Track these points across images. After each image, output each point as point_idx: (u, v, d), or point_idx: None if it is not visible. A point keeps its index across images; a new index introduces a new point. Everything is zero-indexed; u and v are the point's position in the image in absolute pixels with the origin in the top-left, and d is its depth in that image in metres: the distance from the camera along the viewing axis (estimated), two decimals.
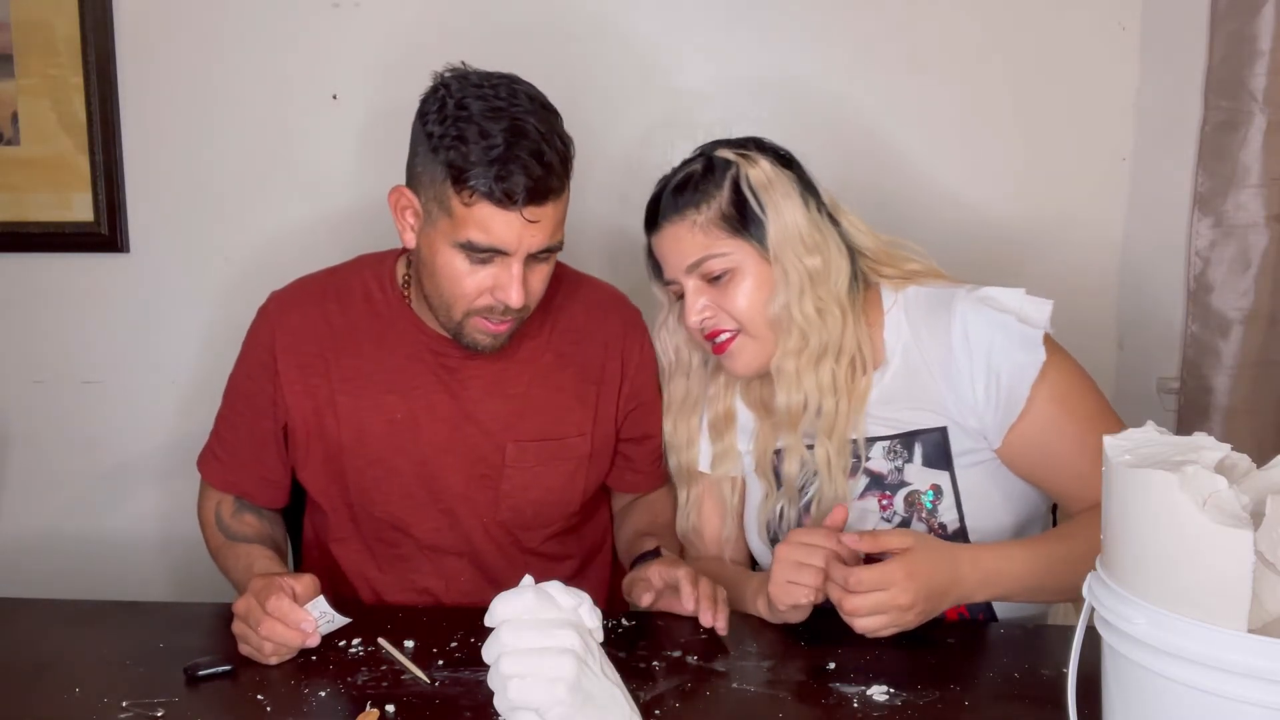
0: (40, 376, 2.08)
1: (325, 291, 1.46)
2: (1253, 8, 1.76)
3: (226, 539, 1.45)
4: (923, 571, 1.19)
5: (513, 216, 1.25)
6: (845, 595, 1.19)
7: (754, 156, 1.38)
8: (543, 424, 1.45)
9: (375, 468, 1.43)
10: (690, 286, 1.37)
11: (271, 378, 1.43)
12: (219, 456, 1.49)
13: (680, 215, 1.37)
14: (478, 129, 1.24)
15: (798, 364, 1.35)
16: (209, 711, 1.11)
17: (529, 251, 1.29)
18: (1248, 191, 1.82)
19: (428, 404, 1.42)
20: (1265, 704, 0.75)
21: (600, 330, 1.50)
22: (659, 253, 1.41)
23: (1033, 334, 1.30)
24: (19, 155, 1.99)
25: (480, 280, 1.30)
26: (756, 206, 1.34)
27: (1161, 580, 0.80)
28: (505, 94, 1.27)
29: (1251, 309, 1.84)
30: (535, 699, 0.89)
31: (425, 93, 1.32)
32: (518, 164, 1.24)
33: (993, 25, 1.89)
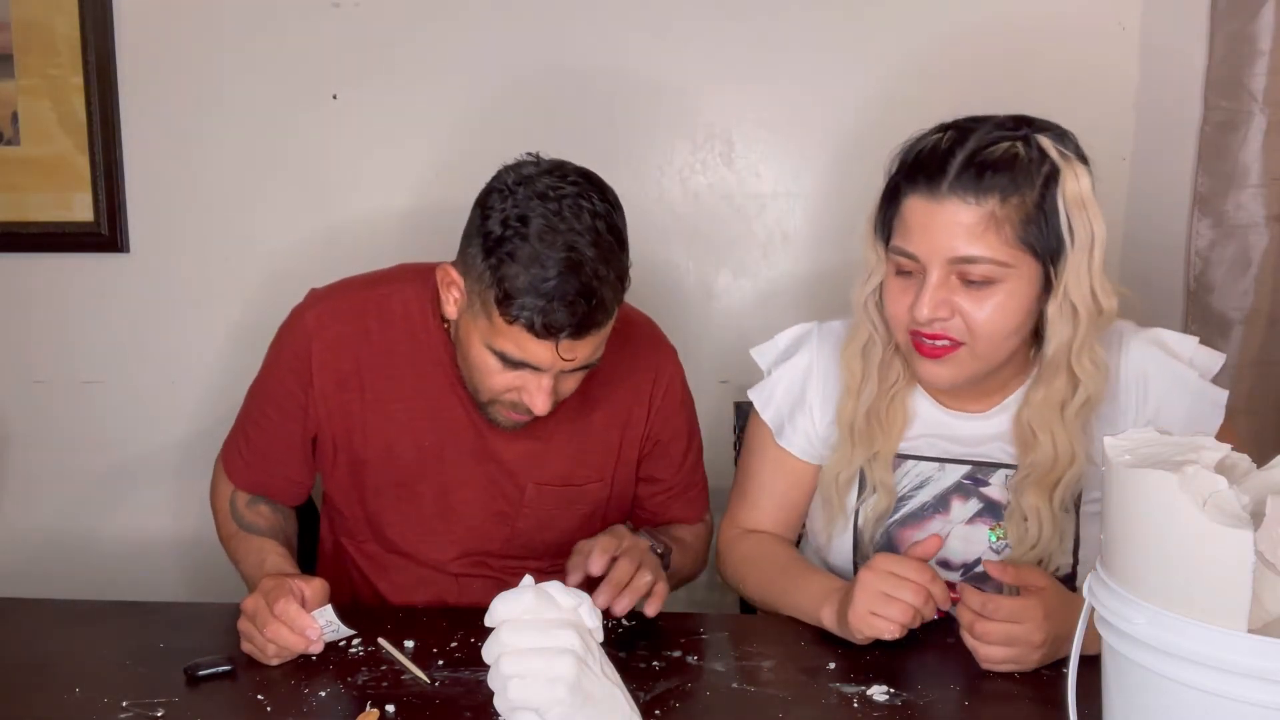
0: (40, 376, 2.08)
1: (366, 307, 1.40)
2: (1253, 8, 1.76)
3: (239, 528, 1.43)
4: (1057, 614, 1.13)
5: (548, 346, 1.21)
6: (977, 619, 1.14)
7: (1074, 161, 1.17)
8: (565, 468, 1.43)
9: (397, 490, 1.42)
10: (937, 277, 1.18)
11: (305, 387, 1.39)
12: (243, 455, 1.46)
13: (978, 196, 1.15)
14: (531, 252, 1.18)
15: (1062, 418, 1.22)
16: (209, 711, 1.11)
17: (562, 370, 1.25)
18: (1248, 191, 1.82)
19: (454, 435, 1.40)
20: (1265, 704, 0.75)
21: (631, 373, 1.45)
22: (919, 221, 1.18)
23: (1216, 394, 1.24)
24: (19, 155, 1.99)
25: (509, 380, 1.27)
26: (1064, 225, 1.16)
27: (1161, 580, 0.80)
28: (569, 212, 1.19)
29: (1251, 309, 1.84)
30: (535, 699, 0.89)
31: (491, 181, 1.26)
32: (564, 302, 1.17)
33: (992, 25, 1.89)
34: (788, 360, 1.42)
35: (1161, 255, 1.92)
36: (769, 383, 1.42)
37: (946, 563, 1.33)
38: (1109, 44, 1.89)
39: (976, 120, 1.20)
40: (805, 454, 1.40)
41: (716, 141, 1.96)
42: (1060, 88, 1.88)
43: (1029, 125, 1.19)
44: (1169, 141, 1.89)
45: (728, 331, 2.02)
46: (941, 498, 1.33)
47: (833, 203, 1.97)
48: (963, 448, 1.33)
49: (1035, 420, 1.25)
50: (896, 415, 1.32)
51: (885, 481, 1.32)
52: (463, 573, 1.47)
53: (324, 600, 1.23)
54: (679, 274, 2.00)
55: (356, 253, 1.99)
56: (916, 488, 1.34)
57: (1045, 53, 1.89)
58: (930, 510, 1.33)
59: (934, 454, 1.33)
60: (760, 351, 1.46)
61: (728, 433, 1.89)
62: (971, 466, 1.32)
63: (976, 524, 1.32)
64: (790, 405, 1.40)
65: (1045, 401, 1.23)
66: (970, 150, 1.16)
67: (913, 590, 1.15)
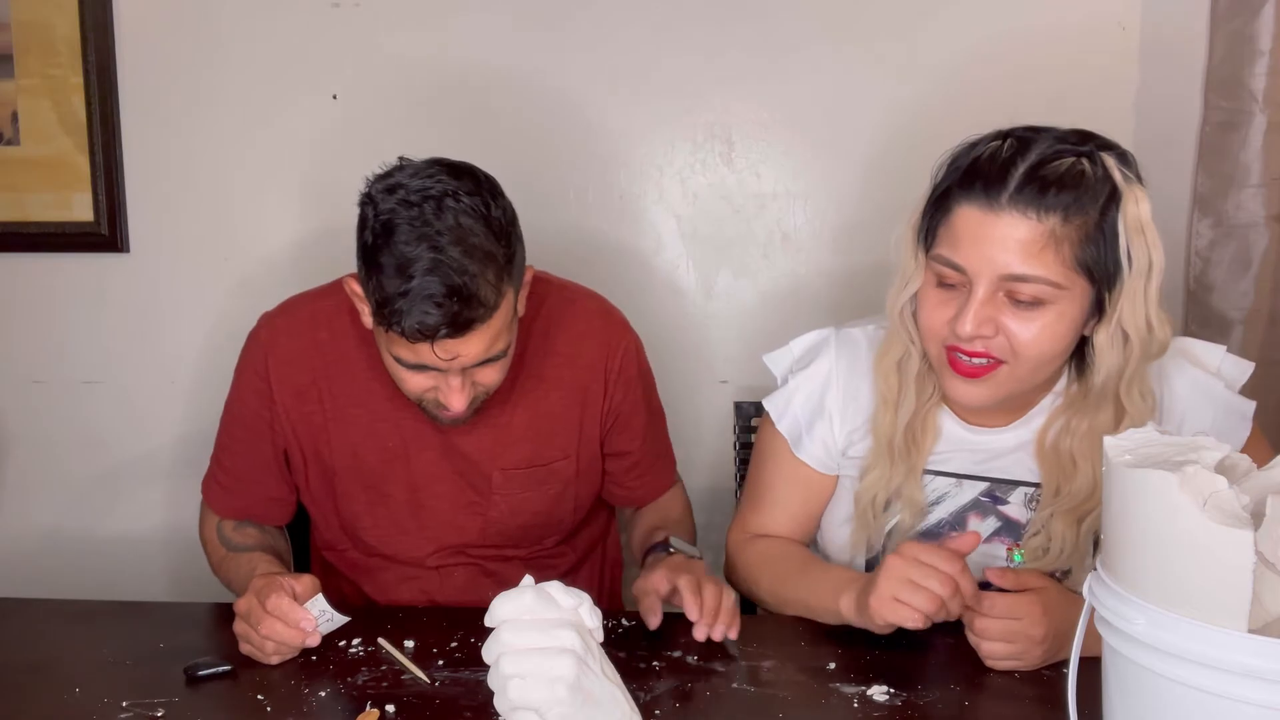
0: (40, 376, 2.08)
1: (316, 317, 1.43)
2: (1253, 8, 1.76)
3: (229, 551, 1.44)
4: (1057, 611, 1.13)
5: (424, 348, 1.21)
6: (976, 615, 1.14)
7: (1135, 184, 1.12)
8: (528, 451, 1.44)
9: (367, 494, 1.44)
10: (985, 293, 1.12)
11: (268, 403, 1.42)
12: (220, 482, 1.48)
13: (1040, 212, 1.09)
14: (395, 261, 1.17)
15: (1095, 446, 1.19)
16: (209, 711, 1.11)
17: (463, 367, 1.25)
18: (1248, 191, 1.81)
19: (417, 434, 1.41)
20: (1265, 704, 0.75)
21: (585, 350, 1.46)
22: (972, 232, 1.12)
23: (1243, 406, 1.23)
24: (19, 155, 1.99)
25: (421, 381, 1.27)
26: (1123, 250, 1.11)
27: (1161, 580, 0.80)
28: (431, 214, 1.18)
29: (1251, 309, 1.84)
30: (535, 699, 0.89)
31: (363, 190, 1.25)
32: (432, 303, 1.16)
33: (992, 25, 1.89)
34: (805, 369, 1.37)
35: None
36: (785, 392, 1.38)
37: None
38: (1109, 44, 1.89)
39: (1037, 130, 1.15)
40: (823, 466, 1.37)
41: (716, 141, 1.96)
42: (1060, 88, 1.88)
43: (1093, 141, 1.14)
44: (1169, 141, 1.89)
45: (728, 331, 2.02)
46: (959, 515, 1.31)
47: (833, 203, 1.97)
48: (980, 462, 1.30)
49: (1078, 450, 1.21)
50: (929, 431, 1.29)
51: (915, 498, 1.29)
52: (442, 564, 1.48)
53: (315, 593, 1.23)
54: (679, 274, 2.00)
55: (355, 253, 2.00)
56: (933, 504, 1.31)
57: (1045, 52, 1.89)
58: (947, 527, 1.31)
59: (952, 468, 1.31)
60: (774, 358, 1.42)
61: (728, 433, 1.89)
62: (990, 483, 1.30)
63: (994, 542, 1.30)
64: (809, 415, 1.36)
65: (1090, 431, 1.19)
66: (1033, 162, 1.11)
67: (940, 580, 1.12)
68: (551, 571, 1.53)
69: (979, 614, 1.15)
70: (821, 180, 1.97)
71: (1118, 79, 1.90)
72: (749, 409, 1.80)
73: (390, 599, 1.49)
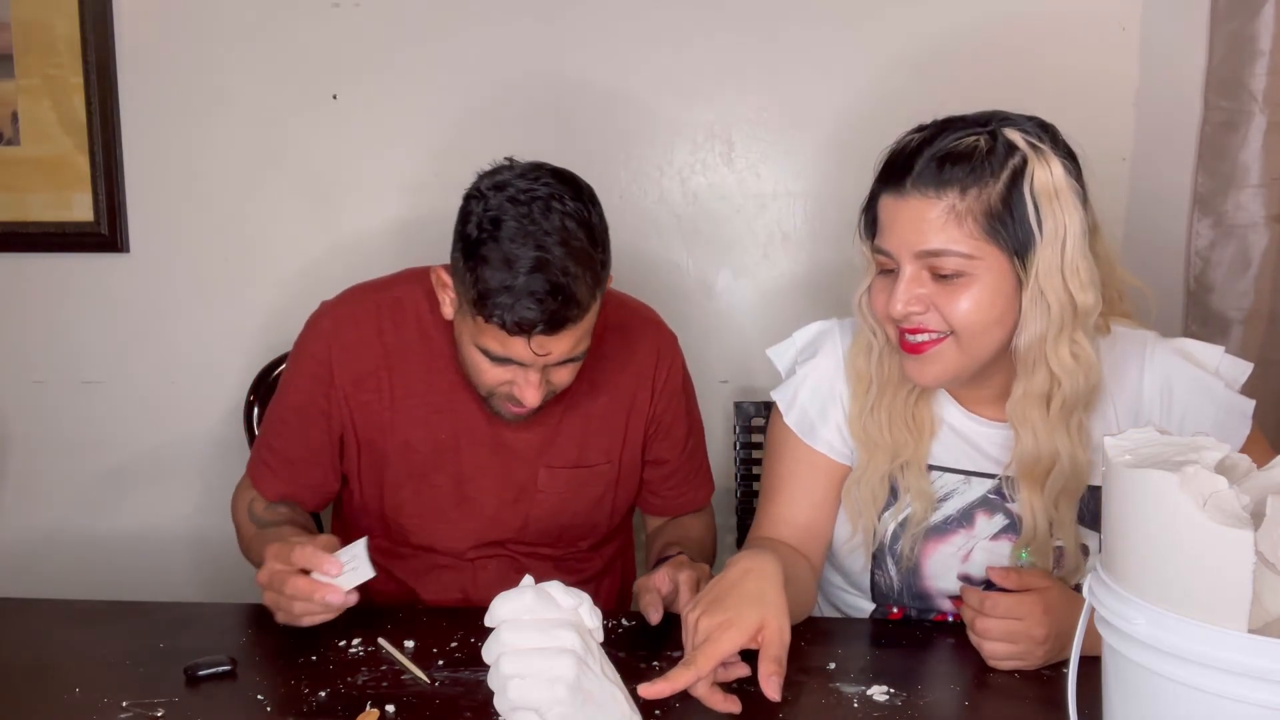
0: (40, 376, 2.08)
1: (380, 308, 1.46)
2: (1253, 8, 1.76)
3: (258, 528, 1.44)
4: (1059, 611, 1.14)
5: (520, 342, 1.26)
6: (978, 616, 1.15)
7: (1046, 153, 1.16)
8: (574, 451, 1.48)
9: (415, 483, 1.46)
10: (909, 272, 1.18)
11: (327, 391, 1.44)
12: (269, 464, 1.48)
13: (938, 191, 1.15)
14: (502, 254, 1.22)
15: (1045, 413, 1.21)
16: (209, 711, 1.11)
17: (546, 364, 1.30)
18: (1248, 191, 1.81)
19: (468, 427, 1.45)
20: (1265, 704, 0.75)
21: (634, 358, 1.50)
22: (889, 217, 1.20)
23: (1243, 404, 1.23)
24: (19, 155, 1.99)
25: (501, 375, 1.32)
26: (1033, 217, 1.14)
27: (1161, 580, 0.80)
28: (539, 213, 1.24)
29: (1251, 309, 1.84)
30: (535, 699, 0.89)
31: (470, 186, 1.31)
32: (534, 299, 1.22)
33: (993, 25, 1.89)
34: (811, 359, 1.38)
35: (1161, 255, 1.92)
36: (792, 384, 1.38)
37: (969, 578, 1.31)
38: (1109, 44, 1.89)
39: (951, 119, 1.20)
40: (838, 454, 1.36)
41: (716, 141, 1.97)
42: (1060, 88, 1.88)
43: (1002, 120, 1.19)
44: (1169, 141, 1.89)
45: (728, 331, 2.02)
46: (966, 512, 1.31)
47: (833, 203, 1.97)
48: (989, 458, 1.31)
49: (1014, 414, 1.24)
50: (924, 419, 1.30)
51: (921, 488, 1.29)
52: (478, 557, 1.50)
53: (334, 549, 1.22)
54: (679, 274, 2.00)
55: (356, 252, 2.00)
56: (942, 499, 1.32)
57: (1045, 53, 1.89)
58: (955, 524, 1.31)
59: (961, 465, 1.31)
60: (777, 352, 1.43)
61: (728, 433, 1.89)
62: (998, 481, 1.30)
63: (1001, 540, 1.30)
64: (820, 404, 1.36)
65: (1025, 396, 1.22)
66: (936, 147, 1.17)
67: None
68: (581, 575, 1.54)
69: (981, 614, 1.15)
70: (821, 180, 1.97)
71: (1118, 79, 1.90)
72: (749, 409, 1.80)
73: (422, 586, 1.50)
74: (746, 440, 1.80)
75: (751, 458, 1.79)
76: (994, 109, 1.21)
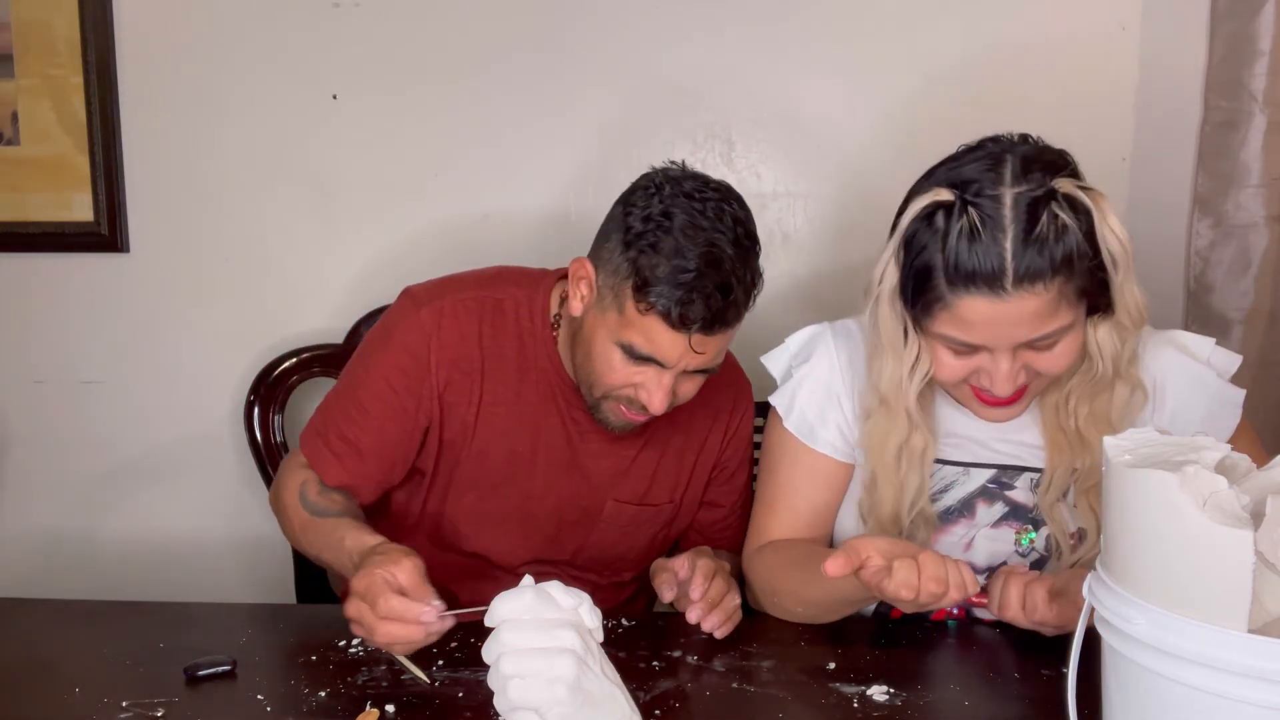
0: (40, 376, 2.08)
1: (482, 308, 1.41)
2: (1253, 8, 1.76)
3: (311, 515, 1.36)
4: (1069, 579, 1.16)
5: (681, 339, 1.24)
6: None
7: (1096, 194, 1.14)
8: (643, 488, 1.46)
9: (483, 491, 1.43)
10: (1008, 357, 1.16)
11: (419, 384, 1.38)
12: (333, 448, 1.40)
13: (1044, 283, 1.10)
14: (674, 244, 1.22)
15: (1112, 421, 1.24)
16: (209, 711, 1.11)
17: (686, 369, 1.28)
18: (1248, 191, 1.82)
19: (549, 445, 1.43)
20: (1265, 704, 0.75)
21: (712, 401, 1.47)
22: (982, 318, 1.13)
23: (1233, 394, 1.25)
24: (19, 155, 1.99)
25: (630, 375, 1.29)
26: (1110, 264, 1.14)
27: (1161, 580, 0.80)
28: (713, 213, 1.24)
29: (1251, 309, 1.84)
30: (535, 699, 0.89)
31: (636, 181, 1.31)
32: (702, 293, 1.22)
33: (992, 25, 1.89)
34: (806, 362, 1.38)
35: (1161, 255, 1.92)
36: (789, 388, 1.39)
37: (972, 566, 1.31)
38: (1109, 44, 1.89)
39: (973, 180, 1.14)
40: (841, 454, 1.36)
41: (716, 141, 1.96)
42: (1060, 87, 1.88)
43: (1043, 168, 1.14)
44: (1169, 141, 1.89)
45: None
46: (967, 502, 1.32)
47: (833, 203, 1.97)
48: (988, 450, 1.32)
49: (1085, 428, 1.24)
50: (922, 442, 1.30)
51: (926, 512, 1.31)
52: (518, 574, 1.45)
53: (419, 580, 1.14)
54: None
55: (356, 252, 2.00)
56: (941, 491, 1.32)
57: (1045, 53, 1.89)
58: (955, 514, 1.32)
59: (959, 457, 1.32)
60: (771, 358, 1.43)
61: None
62: (996, 470, 1.31)
63: (1002, 527, 1.31)
64: (819, 405, 1.36)
65: (1092, 413, 1.23)
66: (1013, 235, 1.10)
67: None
68: (615, 597, 1.54)
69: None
70: (821, 180, 1.97)
71: (1118, 79, 1.90)
72: None
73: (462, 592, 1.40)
74: None
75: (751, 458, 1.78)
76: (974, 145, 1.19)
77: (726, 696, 1.14)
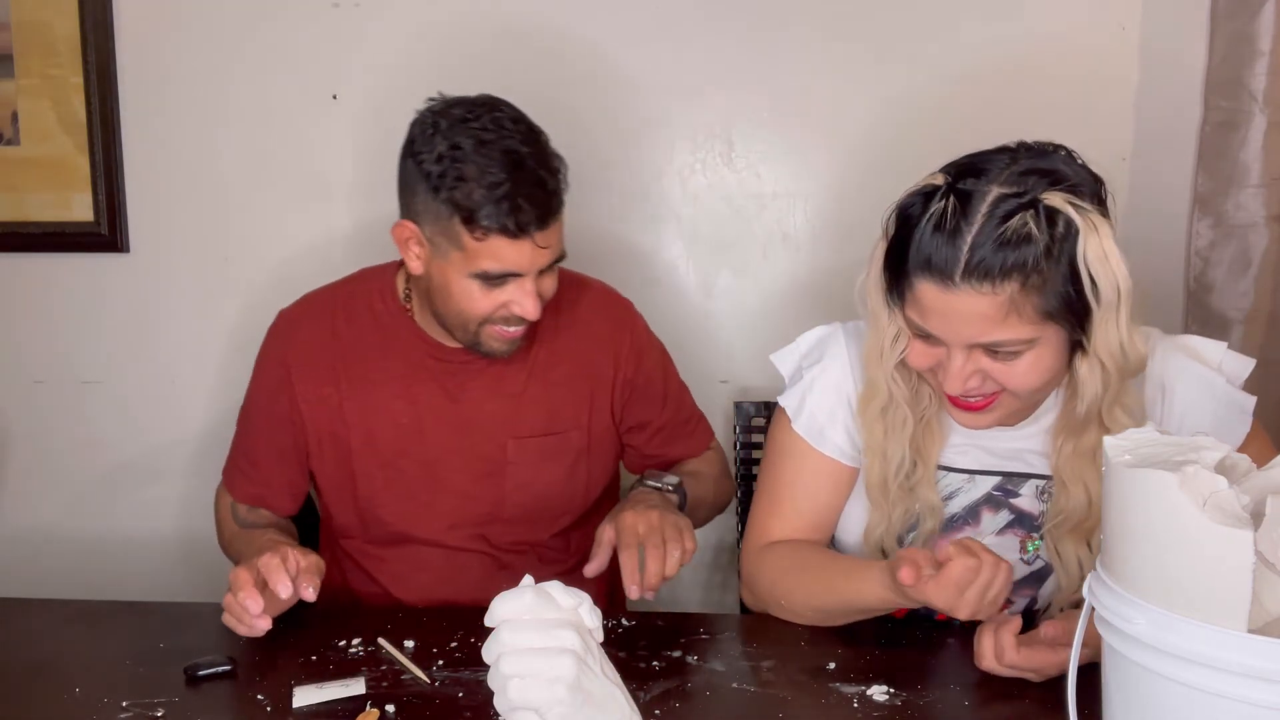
0: (40, 376, 2.08)
1: (333, 306, 1.50)
2: (1253, 8, 1.76)
3: (241, 528, 1.49)
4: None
5: (524, 244, 1.30)
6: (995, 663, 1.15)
7: (1090, 213, 1.09)
8: (540, 420, 1.49)
9: (384, 470, 1.48)
10: (959, 359, 1.14)
11: (287, 392, 1.48)
12: (242, 469, 1.53)
13: (994, 286, 1.08)
14: (476, 168, 1.27)
15: (1097, 468, 1.19)
16: (209, 711, 1.11)
17: (540, 269, 1.34)
18: (1248, 191, 1.81)
19: (431, 408, 1.47)
20: (1265, 704, 0.75)
21: (592, 327, 1.53)
22: (935, 306, 1.13)
23: (1243, 400, 1.23)
24: (19, 155, 1.99)
25: (495, 298, 1.34)
26: (1089, 289, 1.09)
27: (1161, 580, 0.80)
28: (492, 124, 1.30)
29: (1251, 309, 1.84)
30: (535, 699, 0.89)
31: (411, 131, 1.35)
32: (524, 197, 1.27)
33: (993, 25, 1.89)
34: (818, 362, 1.37)
35: (1161, 255, 1.92)
36: (799, 389, 1.37)
37: None
38: (1109, 44, 1.89)
39: (975, 175, 1.13)
40: (848, 457, 1.35)
41: (716, 141, 1.96)
42: (1061, 88, 1.88)
43: (1039, 177, 1.11)
44: (1169, 141, 1.89)
45: (728, 332, 2.02)
46: (972, 509, 1.31)
47: (832, 203, 1.97)
48: (995, 458, 1.31)
49: (1066, 472, 1.23)
50: (932, 437, 1.30)
51: (932, 502, 1.29)
52: (460, 546, 1.50)
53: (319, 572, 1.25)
54: (679, 274, 2.00)
55: (355, 253, 2.00)
56: (947, 498, 1.31)
57: (1046, 53, 1.89)
58: (960, 521, 1.32)
59: (965, 464, 1.32)
60: (781, 357, 1.41)
61: (728, 433, 1.89)
62: (1002, 477, 1.30)
63: (1007, 535, 1.31)
64: (828, 408, 1.35)
65: (1075, 453, 1.22)
66: (977, 230, 1.09)
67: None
68: (563, 567, 1.54)
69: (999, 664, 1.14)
70: (821, 180, 1.97)
71: (1118, 79, 1.90)
72: (749, 409, 1.80)
73: (403, 589, 1.51)
74: (746, 440, 1.80)
75: (751, 458, 1.79)
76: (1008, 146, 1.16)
77: (726, 696, 1.14)
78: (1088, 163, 1.16)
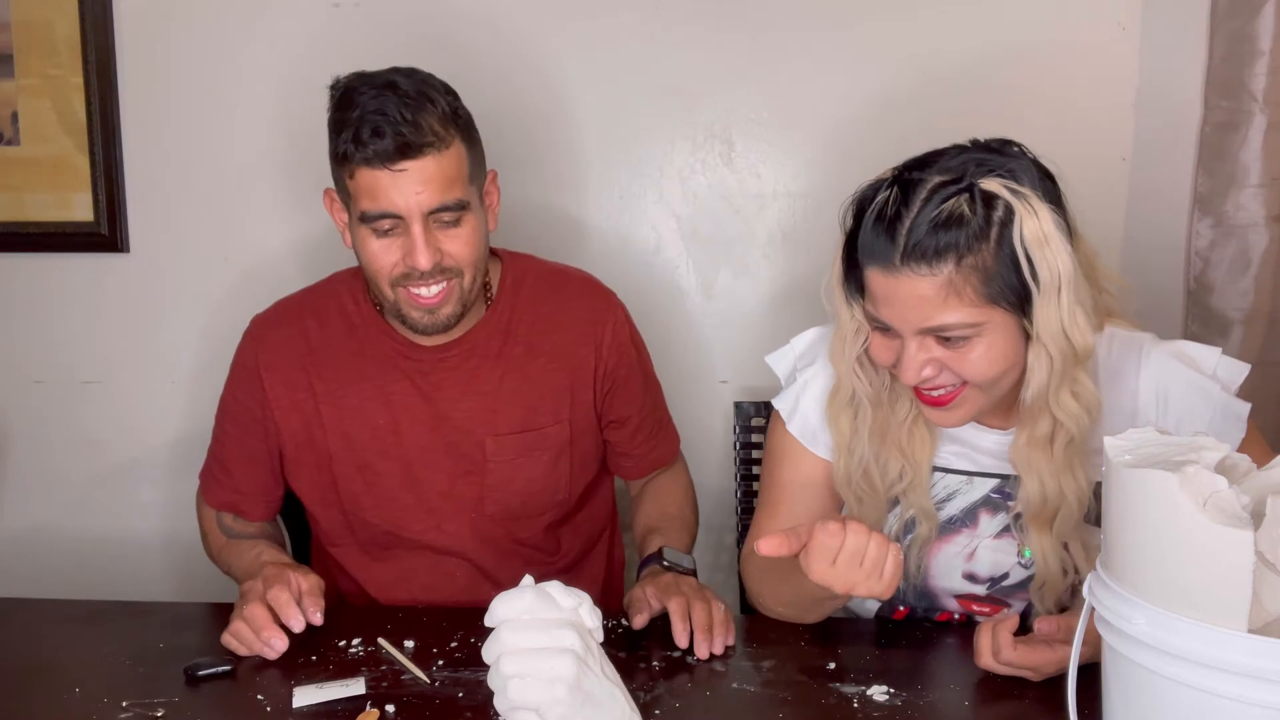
0: (40, 376, 2.08)
1: (303, 310, 1.50)
2: (1253, 8, 1.76)
3: (229, 539, 1.48)
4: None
5: (396, 178, 1.27)
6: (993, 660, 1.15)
7: (1027, 196, 1.11)
8: (518, 416, 1.47)
9: (363, 473, 1.47)
10: (913, 346, 1.16)
11: (259, 397, 1.47)
12: (215, 475, 1.52)
13: (932, 267, 1.11)
14: (346, 113, 1.29)
15: (1050, 456, 1.20)
16: (209, 711, 1.11)
17: (423, 211, 1.30)
18: (1248, 191, 1.81)
19: (406, 408, 1.46)
20: (1265, 704, 0.75)
21: (569, 317, 1.50)
22: (883, 293, 1.15)
23: (1239, 407, 1.23)
24: (19, 155, 1.99)
25: (392, 251, 1.32)
26: (1027, 270, 1.11)
27: (1161, 580, 0.80)
28: (377, 77, 1.31)
29: (1251, 309, 1.84)
30: (535, 699, 0.89)
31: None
32: (383, 120, 1.26)
33: (993, 26, 1.89)
34: (812, 364, 1.38)
35: (1161, 255, 1.92)
36: (793, 391, 1.38)
37: (974, 576, 1.31)
38: (1109, 44, 1.89)
39: (921, 167, 1.16)
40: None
41: (716, 141, 1.96)
42: (1060, 88, 1.88)
43: (976, 165, 1.13)
44: (1169, 141, 1.89)
45: (727, 331, 2.02)
46: (970, 511, 1.31)
47: (833, 203, 1.95)
48: (992, 459, 1.31)
49: (1019, 461, 1.24)
50: (921, 441, 1.29)
51: (924, 507, 1.29)
52: (447, 549, 1.49)
53: (320, 593, 1.27)
54: (679, 274, 2.00)
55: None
56: (944, 500, 1.32)
57: (1045, 53, 1.89)
58: (959, 524, 1.32)
59: (963, 466, 1.31)
60: (776, 359, 1.42)
61: (728, 433, 1.89)
62: (999, 480, 1.30)
63: (1004, 538, 1.30)
64: (822, 410, 1.35)
65: (1029, 443, 1.22)
66: (915, 215, 1.12)
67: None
68: (552, 568, 1.54)
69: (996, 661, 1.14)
70: (821, 180, 1.96)
71: (1118, 79, 1.90)
72: (749, 409, 1.80)
73: (391, 597, 1.50)
74: (746, 440, 1.80)
75: (751, 458, 1.79)
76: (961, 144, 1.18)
77: (726, 696, 1.14)
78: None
